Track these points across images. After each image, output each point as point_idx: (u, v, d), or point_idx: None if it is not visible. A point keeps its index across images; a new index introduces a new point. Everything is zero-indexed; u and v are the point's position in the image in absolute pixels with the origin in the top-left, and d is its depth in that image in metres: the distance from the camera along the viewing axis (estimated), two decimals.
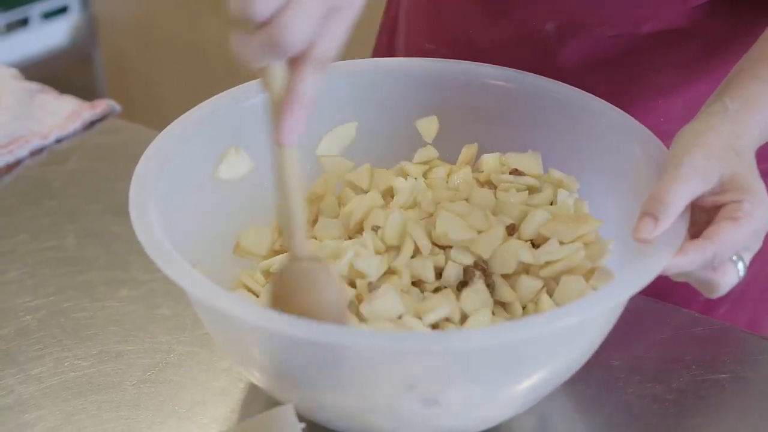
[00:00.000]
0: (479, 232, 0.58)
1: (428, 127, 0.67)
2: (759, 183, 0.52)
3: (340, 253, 0.57)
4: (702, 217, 0.52)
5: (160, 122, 0.66)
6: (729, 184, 0.51)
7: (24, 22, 1.94)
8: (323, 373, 0.50)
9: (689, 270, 0.50)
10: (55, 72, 1.86)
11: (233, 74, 0.67)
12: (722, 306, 0.73)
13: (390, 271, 0.58)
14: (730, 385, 0.59)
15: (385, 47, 0.83)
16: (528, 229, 0.58)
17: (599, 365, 0.60)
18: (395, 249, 0.59)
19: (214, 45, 1.85)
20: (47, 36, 1.96)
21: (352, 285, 0.57)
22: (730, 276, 0.52)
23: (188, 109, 0.63)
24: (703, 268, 0.51)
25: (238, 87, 0.63)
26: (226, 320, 0.51)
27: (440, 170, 0.64)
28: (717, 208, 0.51)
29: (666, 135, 0.57)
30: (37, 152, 0.84)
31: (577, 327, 0.50)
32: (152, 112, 1.93)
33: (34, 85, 0.90)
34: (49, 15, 1.98)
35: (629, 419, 0.57)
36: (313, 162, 0.66)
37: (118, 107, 0.90)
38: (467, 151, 0.65)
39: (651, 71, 0.61)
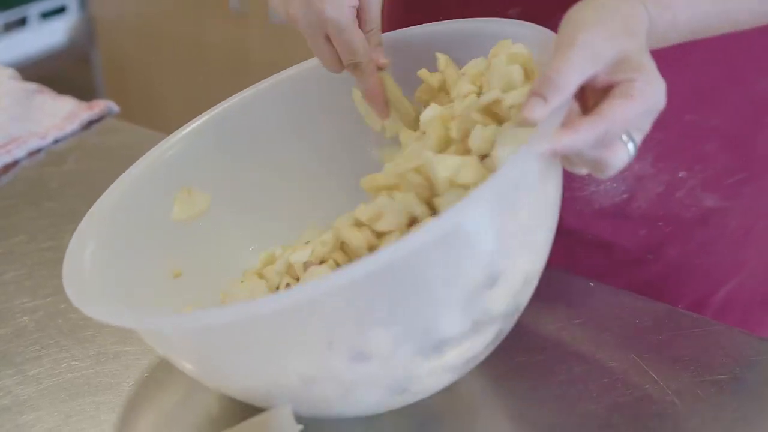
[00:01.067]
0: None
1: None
2: (651, 62, 0.52)
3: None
4: (592, 99, 0.51)
5: (158, 123, 0.66)
6: (621, 64, 0.51)
7: (22, 22, 1.95)
8: (244, 355, 0.50)
9: (581, 148, 0.49)
10: (53, 72, 1.86)
11: (232, 74, 0.68)
12: (713, 304, 0.73)
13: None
14: (729, 386, 0.59)
15: None
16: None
17: (597, 365, 0.60)
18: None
19: (213, 45, 1.85)
20: (45, 36, 1.96)
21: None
22: (621, 155, 0.51)
23: (187, 110, 0.63)
24: (594, 147, 0.50)
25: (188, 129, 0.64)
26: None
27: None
28: (609, 89, 0.51)
29: None
30: (34, 153, 0.84)
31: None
32: (151, 112, 1.94)
33: (32, 86, 0.90)
34: (47, 15, 1.98)
35: (627, 420, 0.57)
36: None
37: (116, 108, 0.90)
38: None
39: None
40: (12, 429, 0.57)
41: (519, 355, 0.59)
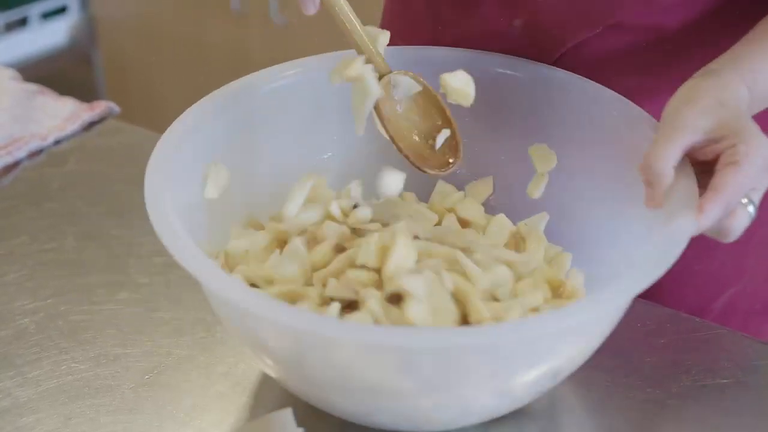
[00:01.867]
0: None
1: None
2: (749, 123, 0.53)
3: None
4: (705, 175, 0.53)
5: (159, 123, 0.66)
6: (719, 132, 0.53)
7: (23, 22, 1.94)
8: (329, 366, 0.50)
9: (712, 225, 0.51)
10: (54, 72, 1.86)
11: (232, 74, 0.67)
12: (713, 310, 0.73)
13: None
14: (731, 390, 0.59)
15: None
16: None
17: (600, 369, 0.60)
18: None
19: (214, 45, 1.85)
20: (46, 36, 1.96)
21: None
22: (742, 219, 0.53)
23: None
24: (719, 219, 0.52)
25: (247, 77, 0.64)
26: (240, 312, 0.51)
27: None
28: (716, 160, 0.52)
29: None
30: (35, 154, 0.83)
31: (590, 321, 0.51)
32: (152, 113, 1.93)
33: (33, 87, 0.90)
34: (48, 15, 1.98)
35: (629, 424, 0.57)
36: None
37: (117, 108, 0.89)
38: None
39: (619, 74, 0.62)
40: (12, 431, 0.57)
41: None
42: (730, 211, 0.52)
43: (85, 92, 1.05)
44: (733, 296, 0.75)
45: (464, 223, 0.65)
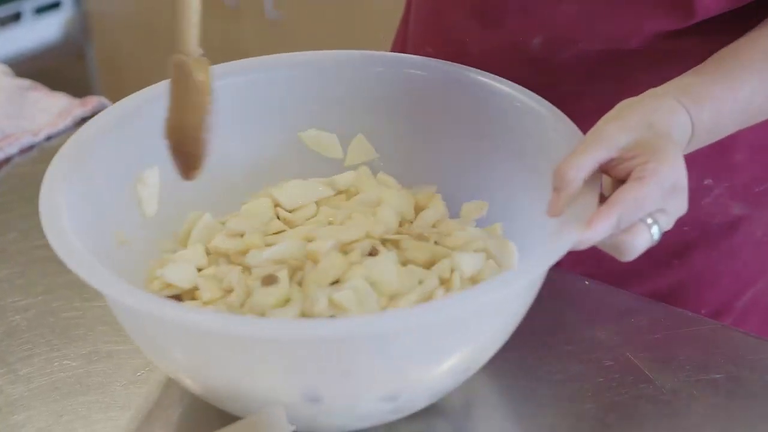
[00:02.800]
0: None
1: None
2: (671, 146, 0.52)
3: None
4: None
5: None
6: (635, 149, 0.51)
7: (16, 17, 1.93)
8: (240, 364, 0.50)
9: (599, 239, 0.50)
10: (47, 68, 1.85)
11: None
12: (735, 310, 0.73)
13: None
14: (724, 385, 0.59)
15: (400, 50, 0.82)
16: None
17: (592, 365, 0.60)
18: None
19: (208, 41, 1.85)
20: (40, 31, 1.95)
21: None
22: (642, 238, 0.51)
23: None
24: (610, 233, 0.50)
25: (158, 84, 0.64)
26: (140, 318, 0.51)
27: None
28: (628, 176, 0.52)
29: None
30: (27, 150, 0.83)
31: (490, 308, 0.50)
32: None
33: (25, 82, 0.90)
34: (42, 10, 1.97)
35: (623, 420, 0.57)
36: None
37: (108, 104, 0.89)
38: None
39: (641, 85, 0.62)
40: (4, 428, 0.57)
41: (514, 355, 0.58)
42: (625, 227, 0.50)
43: (78, 88, 1.04)
44: (754, 295, 0.74)
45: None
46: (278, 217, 0.63)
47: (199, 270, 0.60)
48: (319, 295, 0.54)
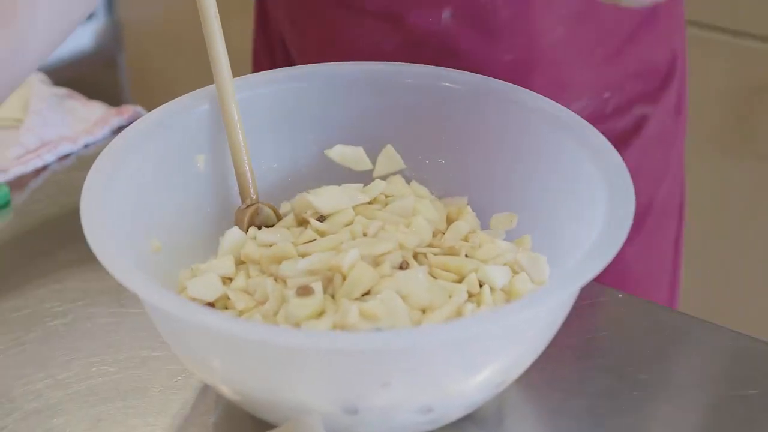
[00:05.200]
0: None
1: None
2: None
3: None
4: None
5: None
6: None
7: None
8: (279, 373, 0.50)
9: None
10: (80, 75, 1.87)
11: None
12: (654, 211, 0.80)
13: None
14: (759, 401, 0.58)
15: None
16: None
17: (628, 379, 0.60)
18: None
19: (238, 50, 1.86)
20: (73, 40, 1.97)
21: None
22: None
23: None
24: None
25: (188, 95, 0.65)
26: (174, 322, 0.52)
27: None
28: None
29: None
30: (64, 157, 0.84)
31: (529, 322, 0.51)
32: None
33: (62, 90, 0.91)
34: None
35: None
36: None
37: (144, 113, 0.90)
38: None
39: (543, 30, 0.69)
40: None
41: (547, 367, 0.58)
42: None
43: (109, 95, 1.05)
44: (664, 195, 0.84)
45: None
46: (310, 226, 0.64)
47: (229, 280, 0.60)
48: (350, 307, 0.54)
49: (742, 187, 1.37)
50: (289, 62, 0.84)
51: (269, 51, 0.86)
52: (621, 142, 0.79)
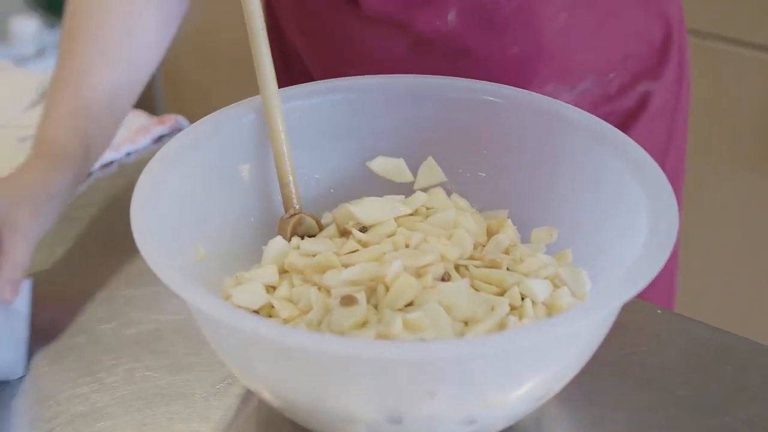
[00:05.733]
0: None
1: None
2: None
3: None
4: None
5: None
6: None
7: None
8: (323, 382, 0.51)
9: None
10: None
11: None
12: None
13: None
14: None
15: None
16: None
17: (665, 394, 0.60)
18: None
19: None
20: None
21: None
22: None
23: None
24: None
25: (234, 105, 0.67)
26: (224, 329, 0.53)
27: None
28: None
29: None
30: (107, 165, 0.86)
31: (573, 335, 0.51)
32: None
33: None
34: None
35: None
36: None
37: (185, 122, 0.91)
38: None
39: (545, 19, 0.72)
40: None
41: (585, 381, 0.59)
42: None
43: (144, 103, 1.07)
44: (669, 165, 0.85)
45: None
46: (352, 237, 0.65)
47: (272, 288, 0.61)
48: (394, 318, 0.55)
49: None
50: (305, 71, 0.85)
51: (285, 61, 0.87)
52: (628, 120, 0.81)
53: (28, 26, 1.94)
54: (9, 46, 1.86)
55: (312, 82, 0.69)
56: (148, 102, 2.07)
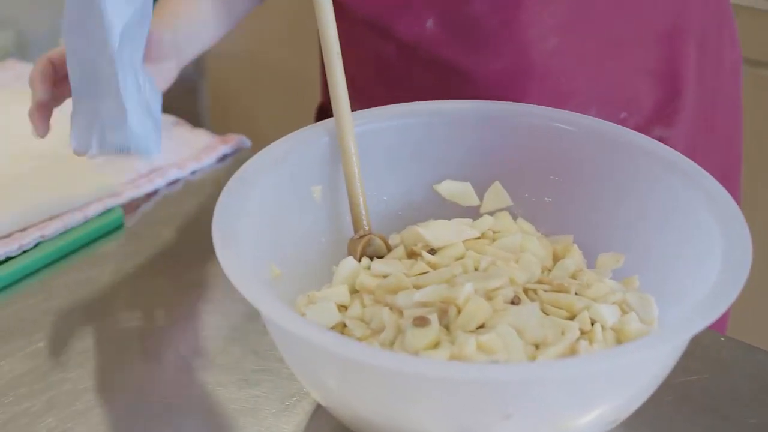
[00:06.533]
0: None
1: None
2: None
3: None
4: None
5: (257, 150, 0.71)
6: None
7: None
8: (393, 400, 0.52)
9: None
10: (165, 100, 1.93)
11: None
12: None
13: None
14: None
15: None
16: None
17: (735, 422, 0.60)
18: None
19: (316, 80, 1.90)
20: None
21: None
22: None
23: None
24: None
25: (308, 127, 0.68)
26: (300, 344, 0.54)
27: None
28: None
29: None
30: (173, 182, 0.88)
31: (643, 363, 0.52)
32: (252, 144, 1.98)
33: (170, 118, 0.95)
34: None
35: None
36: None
37: (248, 142, 0.93)
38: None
39: (533, 40, 0.71)
40: None
41: (649, 407, 0.59)
42: None
43: (191, 119, 1.08)
44: None
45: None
46: (421, 258, 0.66)
47: (343, 308, 0.63)
48: (467, 339, 0.56)
49: None
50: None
51: None
52: None
53: None
54: None
55: (383, 106, 0.70)
56: (193, 118, 2.10)
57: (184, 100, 2.07)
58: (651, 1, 0.78)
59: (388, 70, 0.75)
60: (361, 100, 0.74)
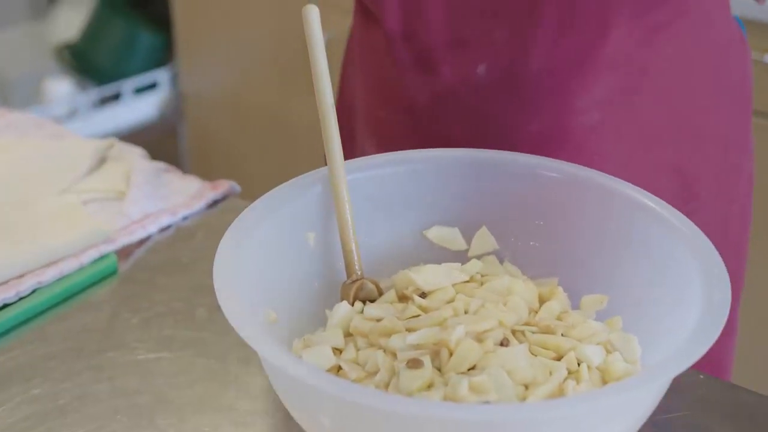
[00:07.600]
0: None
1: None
2: None
3: None
4: None
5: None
6: None
7: (116, 97, 2.05)
8: None
9: None
10: (145, 142, 1.95)
11: (317, 155, 0.73)
12: None
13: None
14: None
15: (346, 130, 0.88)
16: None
17: None
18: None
19: (298, 125, 1.92)
20: (138, 110, 2.06)
21: None
22: None
23: (268, 184, 0.70)
24: None
25: (302, 176, 0.70)
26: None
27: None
28: None
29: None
30: (165, 228, 0.89)
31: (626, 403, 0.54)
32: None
33: (160, 165, 0.97)
34: (140, 90, 2.08)
35: None
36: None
37: (238, 188, 0.95)
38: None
39: (576, 110, 0.69)
40: None
41: None
42: None
43: (171, 161, 1.10)
44: None
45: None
46: (412, 302, 0.68)
47: (338, 351, 0.65)
48: (460, 380, 0.58)
49: None
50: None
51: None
52: None
53: (61, 88, 2.00)
54: (43, 107, 1.92)
55: (374, 155, 0.73)
56: (173, 160, 2.12)
57: (164, 143, 2.09)
58: (692, 103, 0.79)
59: (419, 120, 0.75)
60: (387, 146, 0.74)
